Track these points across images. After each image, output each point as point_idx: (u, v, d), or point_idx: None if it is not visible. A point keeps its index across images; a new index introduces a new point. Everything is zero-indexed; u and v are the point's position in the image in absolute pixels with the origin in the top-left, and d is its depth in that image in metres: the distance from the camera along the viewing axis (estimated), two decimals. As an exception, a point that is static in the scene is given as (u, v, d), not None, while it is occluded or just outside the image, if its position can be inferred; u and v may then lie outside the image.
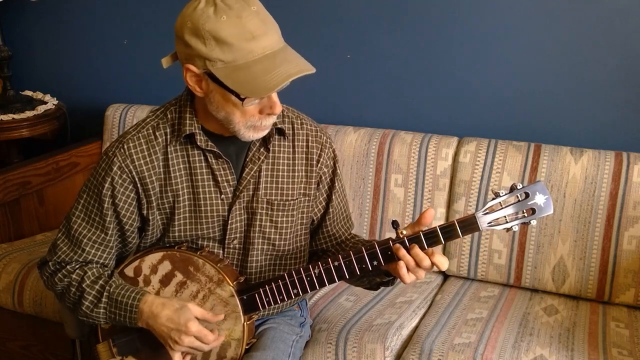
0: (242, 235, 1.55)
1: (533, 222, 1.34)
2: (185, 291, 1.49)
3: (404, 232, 1.37)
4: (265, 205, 1.53)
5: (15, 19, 2.88)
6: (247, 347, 1.52)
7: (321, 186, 1.61)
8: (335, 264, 1.42)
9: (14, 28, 2.89)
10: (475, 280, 2.15)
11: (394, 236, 1.38)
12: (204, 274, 1.48)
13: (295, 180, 1.56)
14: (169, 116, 1.49)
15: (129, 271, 1.53)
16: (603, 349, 1.74)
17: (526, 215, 1.33)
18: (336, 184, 1.63)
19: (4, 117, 2.62)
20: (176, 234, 1.52)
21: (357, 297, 2.01)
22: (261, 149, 1.51)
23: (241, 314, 1.47)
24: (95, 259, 1.51)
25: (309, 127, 1.58)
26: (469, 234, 1.48)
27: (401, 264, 1.35)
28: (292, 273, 1.45)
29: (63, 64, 2.91)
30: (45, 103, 2.77)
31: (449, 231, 1.34)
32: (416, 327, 1.88)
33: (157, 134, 1.48)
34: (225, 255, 1.55)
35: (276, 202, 1.54)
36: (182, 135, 1.46)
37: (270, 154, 1.53)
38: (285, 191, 1.55)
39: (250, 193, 1.52)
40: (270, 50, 1.31)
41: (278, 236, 1.56)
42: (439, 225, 1.35)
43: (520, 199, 1.33)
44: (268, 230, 1.55)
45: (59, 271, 1.51)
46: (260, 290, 1.46)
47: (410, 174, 2.17)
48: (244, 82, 1.30)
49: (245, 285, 1.51)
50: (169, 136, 1.48)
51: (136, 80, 2.77)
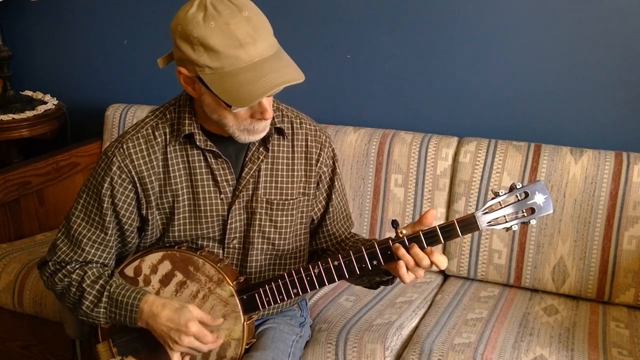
0: (242, 234, 1.55)
1: (533, 222, 1.34)
2: (185, 291, 1.49)
3: (404, 232, 1.37)
4: (264, 205, 1.53)
5: (15, 19, 2.88)
6: (247, 347, 1.52)
7: (321, 185, 1.61)
8: (335, 263, 1.42)
9: (14, 28, 2.89)
10: (475, 280, 2.15)
11: (394, 236, 1.38)
12: (204, 273, 1.48)
13: (295, 179, 1.56)
14: (168, 116, 1.49)
15: (129, 271, 1.53)
16: (603, 349, 1.74)
17: (526, 214, 1.33)
18: (336, 183, 1.63)
19: (4, 117, 2.62)
20: (176, 233, 1.52)
21: (357, 297, 2.01)
22: (260, 149, 1.51)
23: (241, 313, 1.47)
24: (95, 259, 1.51)
25: (308, 127, 1.58)
26: (469, 234, 1.49)
27: (401, 263, 1.35)
28: (292, 273, 1.45)
29: (63, 64, 2.91)
30: (45, 103, 2.77)
31: (448, 230, 1.34)
32: (416, 327, 1.88)
33: (157, 133, 1.48)
34: (225, 255, 1.55)
35: (275, 202, 1.54)
36: (182, 135, 1.46)
37: (270, 154, 1.53)
38: (284, 191, 1.55)
39: (250, 193, 1.52)
40: (258, 58, 1.29)
41: (278, 236, 1.56)
42: (439, 225, 1.35)
43: (520, 198, 1.33)
44: (268, 229, 1.55)
45: (59, 271, 1.51)
46: (260, 290, 1.46)
47: (410, 174, 2.17)
48: (230, 90, 1.30)
49: (245, 285, 1.50)
50: (168, 136, 1.48)
51: (136, 80, 2.77)
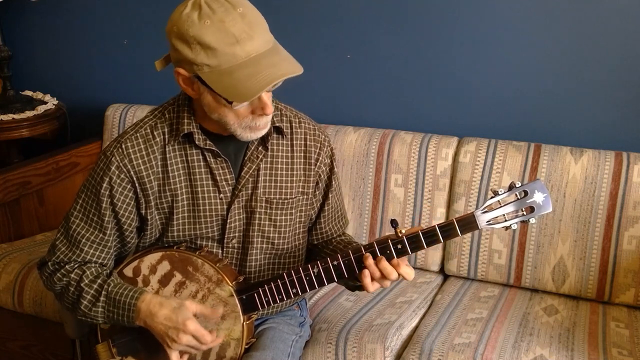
0: (241, 234, 1.55)
1: (532, 220, 1.34)
2: (185, 291, 1.49)
3: (403, 232, 1.37)
4: (264, 204, 1.53)
5: (15, 19, 2.89)
6: (247, 347, 1.52)
7: (319, 184, 1.61)
8: (335, 263, 1.42)
9: (14, 28, 2.89)
10: (475, 280, 2.15)
11: (393, 235, 1.38)
12: (203, 273, 1.48)
13: (294, 178, 1.56)
14: (167, 116, 1.49)
15: (128, 271, 1.52)
16: (603, 349, 1.74)
17: (525, 213, 1.33)
18: (333, 182, 1.63)
19: (4, 117, 2.62)
20: (175, 233, 1.52)
21: (357, 297, 2.01)
22: (259, 148, 1.51)
23: (240, 313, 1.47)
24: (94, 259, 1.51)
25: (307, 126, 1.58)
26: (468, 233, 1.48)
27: (365, 272, 1.37)
28: (292, 272, 1.44)
29: (63, 64, 2.91)
30: (45, 103, 2.77)
31: (447, 230, 1.34)
32: (416, 327, 1.88)
33: (155, 133, 1.48)
34: (224, 254, 1.55)
35: (275, 201, 1.54)
36: (180, 134, 1.46)
37: (269, 153, 1.53)
38: (284, 190, 1.55)
39: (249, 192, 1.52)
40: (255, 54, 1.30)
41: (277, 235, 1.56)
42: (438, 224, 1.35)
43: (519, 197, 1.33)
44: (267, 229, 1.55)
45: (58, 271, 1.51)
46: (260, 289, 1.46)
47: (410, 174, 2.17)
48: (229, 87, 1.30)
49: (245, 284, 1.50)
50: (167, 136, 1.48)
51: (136, 80, 2.77)
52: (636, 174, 1.95)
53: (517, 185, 1.32)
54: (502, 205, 1.33)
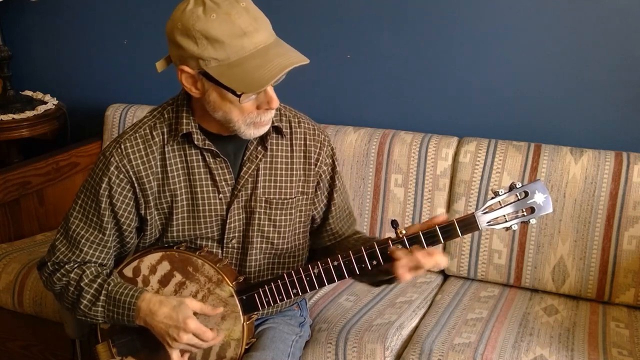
0: (241, 234, 1.55)
1: (532, 221, 1.33)
2: (184, 291, 1.49)
3: (403, 232, 1.36)
4: (263, 204, 1.53)
5: (15, 19, 2.88)
6: (247, 347, 1.52)
7: (322, 184, 1.61)
8: (335, 264, 1.41)
9: (14, 28, 2.89)
10: (475, 280, 2.15)
11: (394, 236, 1.38)
12: (203, 274, 1.48)
13: (294, 178, 1.56)
14: (166, 116, 1.49)
15: (128, 271, 1.52)
16: (603, 349, 1.74)
17: (525, 214, 1.33)
18: (337, 182, 1.62)
19: (4, 117, 2.62)
20: (174, 233, 1.52)
21: (357, 297, 2.01)
22: (259, 148, 1.51)
23: (240, 314, 1.47)
24: (93, 260, 1.51)
25: (306, 126, 1.58)
26: (469, 233, 1.48)
27: (399, 263, 1.35)
28: (292, 273, 1.44)
29: (63, 64, 2.91)
30: (45, 103, 2.77)
31: (448, 230, 1.34)
32: (416, 327, 1.88)
33: (154, 133, 1.48)
34: (224, 254, 1.55)
35: (274, 201, 1.54)
36: (180, 134, 1.46)
37: (268, 153, 1.52)
38: (283, 190, 1.55)
39: (249, 192, 1.52)
40: (262, 45, 1.32)
41: (277, 235, 1.56)
42: (439, 225, 1.34)
43: (520, 197, 1.33)
44: (267, 229, 1.55)
45: (58, 271, 1.51)
46: (260, 290, 1.46)
47: (410, 174, 2.17)
48: (239, 79, 1.30)
49: (245, 285, 1.50)
50: (166, 136, 1.48)
51: (136, 80, 2.77)
52: (636, 174, 1.95)
53: (518, 186, 1.32)
54: (503, 205, 1.33)
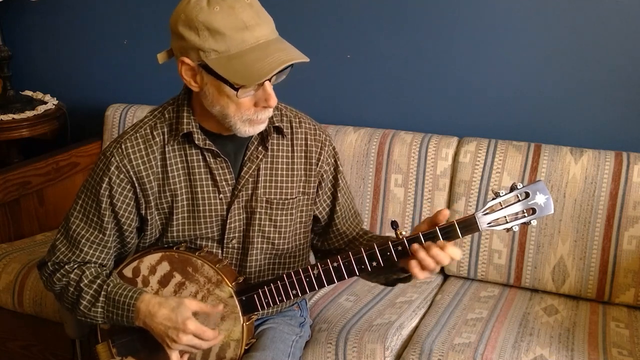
0: (241, 234, 1.55)
1: (533, 222, 1.33)
2: (184, 292, 1.49)
3: (403, 233, 1.36)
4: (264, 204, 1.53)
5: (15, 19, 2.88)
6: (247, 348, 1.52)
7: (324, 185, 1.60)
8: (335, 265, 1.41)
9: (14, 28, 2.89)
10: (475, 280, 2.15)
11: (394, 236, 1.38)
12: (203, 274, 1.48)
13: (294, 178, 1.55)
14: (167, 116, 1.49)
15: (128, 272, 1.52)
16: (603, 349, 1.74)
17: (526, 215, 1.33)
18: (340, 182, 1.62)
19: (4, 117, 2.62)
20: (175, 234, 1.52)
21: (357, 297, 2.01)
22: (259, 148, 1.51)
23: (240, 314, 1.47)
24: (94, 260, 1.51)
25: (307, 126, 1.58)
26: (469, 235, 1.48)
27: (415, 262, 1.33)
28: (292, 274, 1.44)
29: (63, 64, 2.91)
30: (45, 103, 2.77)
31: (448, 232, 1.33)
32: (416, 327, 1.88)
33: (155, 133, 1.48)
34: (224, 255, 1.55)
35: (275, 201, 1.54)
36: (180, 134, 1.46)
37: (269, 153, 1.52)
38: (284, 190, 1.55)
39: (249, 192, 1.52)
40: (264, 40, 1.32)
41: (277, 235, 1.56)
42: (439, 226, 1.34)
43: (521, 198, 1.32)
44: (267, 229, 1.55)
45: (58, 271, 1.51)
46: (260, 291, 1.46)
47: (410, 174, 2.17)
48: (238, 71, 1.31)
49: (245, 285, 1.50)
50: (166, 135, 1.48)
51: (136, 80, 2.77)
52: (636, 174, 1.95)
53: (519, 187, 1.32)
54: (504, 206, 1.32)
